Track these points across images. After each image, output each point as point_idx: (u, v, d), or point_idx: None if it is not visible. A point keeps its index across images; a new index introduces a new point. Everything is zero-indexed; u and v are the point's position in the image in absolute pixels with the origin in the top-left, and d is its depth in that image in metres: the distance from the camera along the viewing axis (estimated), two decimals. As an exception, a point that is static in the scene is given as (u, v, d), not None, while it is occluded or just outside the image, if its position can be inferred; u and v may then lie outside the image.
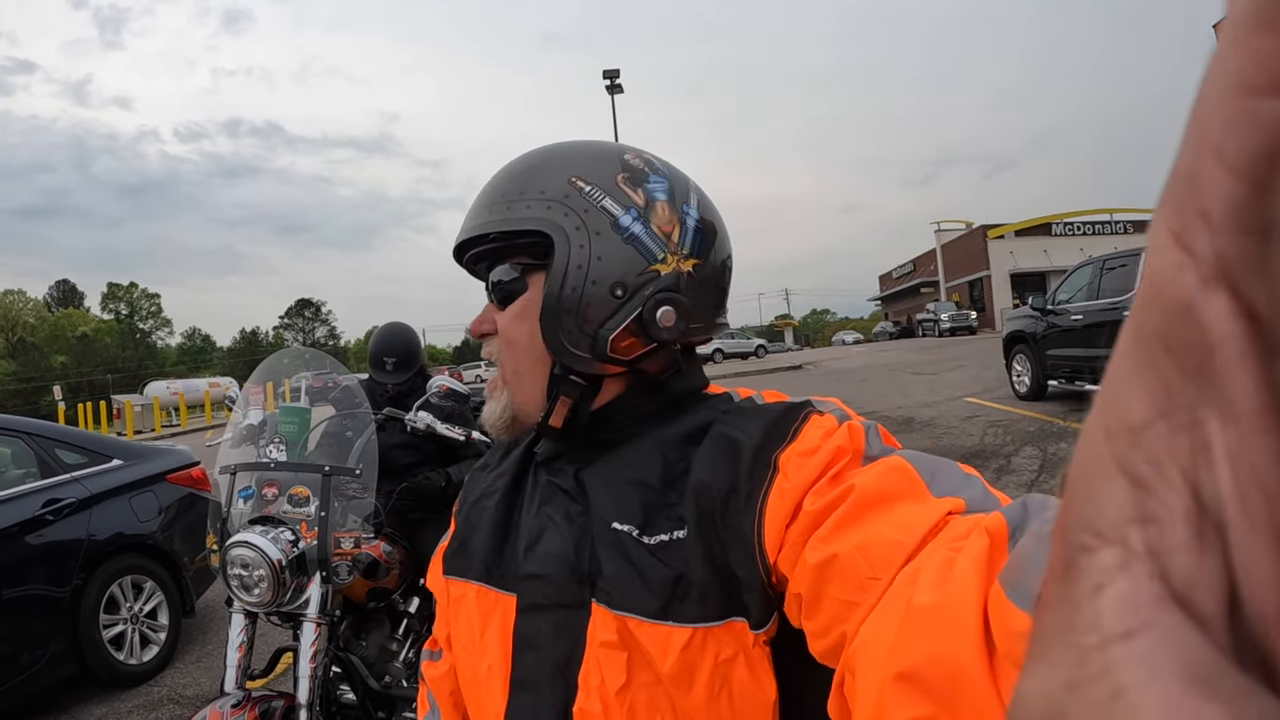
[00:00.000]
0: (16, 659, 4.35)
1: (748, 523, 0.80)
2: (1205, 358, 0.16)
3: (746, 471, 0.82)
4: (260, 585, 2.51)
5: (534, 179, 0.93)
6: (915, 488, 0.72)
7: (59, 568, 4.66)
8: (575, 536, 0.92)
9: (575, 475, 0.96)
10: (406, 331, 3.97)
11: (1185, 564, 0.16)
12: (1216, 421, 0.16)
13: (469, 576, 1.01)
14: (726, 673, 0.82)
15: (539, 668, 0.90)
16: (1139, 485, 0.17)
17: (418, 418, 3.18)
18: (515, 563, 0.97)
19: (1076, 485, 0.19)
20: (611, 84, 28.85)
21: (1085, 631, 0.17)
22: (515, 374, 0.97)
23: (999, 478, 7.47)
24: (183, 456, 5.89)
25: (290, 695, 2.57)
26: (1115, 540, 0.17)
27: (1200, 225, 0.16)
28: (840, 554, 0.69)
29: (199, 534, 5.58)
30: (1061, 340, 11.16)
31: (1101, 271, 10.62)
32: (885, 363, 23.53)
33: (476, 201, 0.96)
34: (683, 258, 0.93)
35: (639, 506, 0.89)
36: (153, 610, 5.22)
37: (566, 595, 0.90)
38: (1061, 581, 0.18)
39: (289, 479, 2.75)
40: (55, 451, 5.09)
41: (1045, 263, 43.03)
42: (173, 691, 4.82)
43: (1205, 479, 0.16)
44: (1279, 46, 0.15)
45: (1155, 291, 0.17)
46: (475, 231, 0.94)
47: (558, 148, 0.98)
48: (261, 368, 3.30)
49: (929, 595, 0.54)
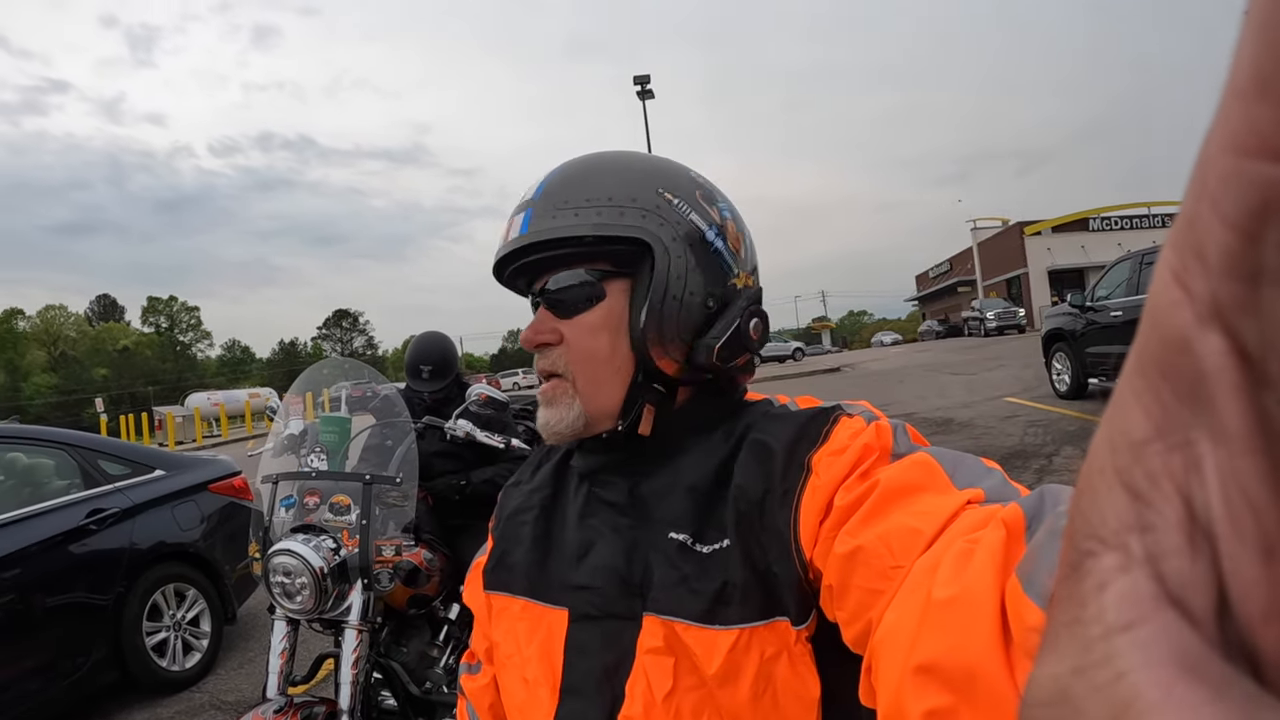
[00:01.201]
0: (60, 665, 4.43)
1: (783, 522, 0.82)
2: (1199, 386, 0.18)
3: (780, 473, 0.85)
4: (303, 592, 2.53)
5: (623, 187, 0.94)
6: (938, 480, 0.73)
7: (102, 576, 4.72)
8: (625, 548, 0.93)
9: (630, 489, 0.97)
10: (442, 340, 3.98)
11: (1179, 568, 0.18)
12: (1208, 443, 0.18)
13: (513, 591, 1.02)
14: (770, 671, 0.83)
15: (588, 675, 0.91)
16: (1138, 497, 0.19)
17: (457, 425, 3.19)
18: (561, 575, 0.97)
19: (1083, 493, 0.21)
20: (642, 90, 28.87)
21: (1090, 624, 0.19)
22: (592, 384, 0.96)
23: (1040, 478, 7.36)
24: (224, 466, 5.95)
25: (332, 701, 2.58)
26: (1117, 545, 0.19)
27: (1197, 267, 0.17)
28: (865, 544, 0.71)
29: (241, 542, 5.65)
30: (1101, 337, 10.97)
31: (1140, 266, 10.43)
32: (923, 363, 23.39)
33: (546, 202, 0.94)
34: (747, 273, 1.00)
35: (694, 515, 0.91)
36: (195, 617, 5.29)
37: (617, 606, 0.91)
38: (1069, 581, 0.20)
39: (330, 488, 2.77)
40: (98, 462, 5.16)
41: (1083, 259, 42.40)
42: (214, 697, 4.87)
43: (1197, 493, 0.18)
44: (1272, 115, 0.16)
45: (1156, 324, 0.19)
46: (568, 232, 0.92)
47: (628, 157, 1.00)
48: (302, 378, 3.32)
49: (947, 588, 0.55)
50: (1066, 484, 1.93)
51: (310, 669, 2.86)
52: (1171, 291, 0.18)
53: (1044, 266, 44.66)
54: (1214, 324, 0.17)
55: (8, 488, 4.87)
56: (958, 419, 11.59)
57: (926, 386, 16.64)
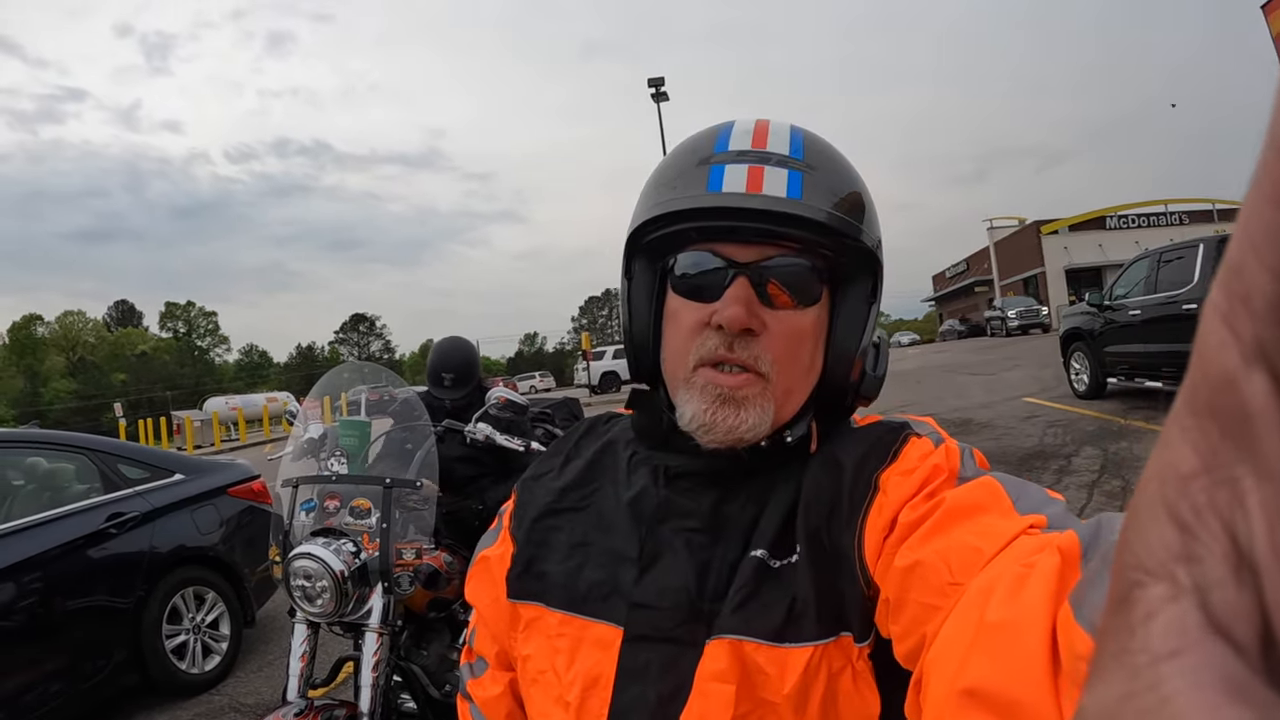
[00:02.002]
0: (81, 668, 4.45)
1: (849, 538, 0.81)
2: (1244, 424, 0.18)
3: (849, 490, 0.83)
4: (323, 596, 2.53)
5: (865, 191, 0.91)
6: (1001, 503, 0.72)
7: (122, 579, 4.75)
8: (698, 568, 0.87)
9: (715, 503, 0.91)
10: (465, 346, 3.98)
11: (1224, 598, 0.18)
12: (1252, 479, 0.18)
13: (548, 603, 0.93)
14: (835, 688, 0.81)
15: (640, 702, 0.85)
16: (1185, 529, 0.19)
17: (477, 429, 3.19)
18: (609, 586, 0.90)
19: (1131, 526, 0.21)
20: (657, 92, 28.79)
21: (1137, 652, 0.19)
22: (786, 390, 0.88)
23: (1060, 479, 7.33)
24: (243, 470, 5.98)
25: (352, 704, 2.58)
26: (1164, 576, 0.19)
27: (1244, 311, 0.18)
28: (924, 559, 0.71)
29: (260, 546, 5.67)
30: (1120, 336, 10.93)
31: (1159, 265, 10.34)
32: (941, 364, 23.29)
33: (820, 178, 0.86)
34: None
35: (774, 531, 0.87)
36: (215, 620, 5.31)
37: (680, 630, 0.85)
38: (1117, 611, 0.21)
39: (350, 491, 2.78)
40: (118, 467, 5.19)
41: (1100, 257, 42.14)
42: (233, 700, 4.89)
43: (1241, 527, 0.18)
44: None
45: (1204, 364, 0.19)
46: (844, 228, 0.85)
47: (851, 166, 0.93)
48: (321, 383, 3.33)
49: (1000, 611, 0.55)
50: (1085, 484, 1.93)
51: (330, 672, 2.86)
52: (1219, 333, 0.19)
53: (1061, 265, 44.43)
54: (1259, 365, 0.18)
55: (29, 492, 4.90)
56: (977, 419, 11.54)
57: (944, 387, 16.56)
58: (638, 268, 0.95)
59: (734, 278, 0.85)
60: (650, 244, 0.92)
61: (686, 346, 0.88)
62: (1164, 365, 9.88)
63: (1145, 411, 10.18)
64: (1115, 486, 6.80)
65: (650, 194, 0.91)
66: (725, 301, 0.84)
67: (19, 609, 4.21)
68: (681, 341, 0.89)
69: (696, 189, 0.85)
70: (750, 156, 0.85)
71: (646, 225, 0.90)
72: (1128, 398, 11.31)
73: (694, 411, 0.86)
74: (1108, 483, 6.98)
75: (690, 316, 0.88)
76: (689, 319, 0.88)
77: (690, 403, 0.87)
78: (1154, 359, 10.07)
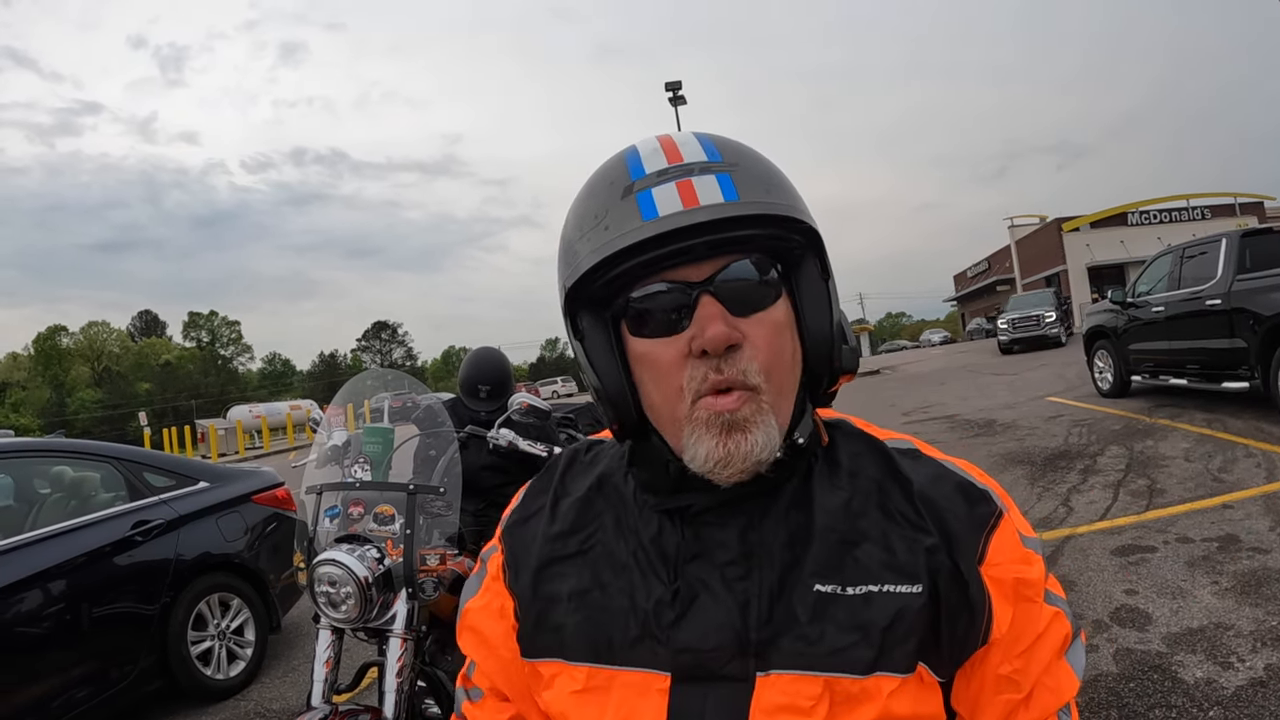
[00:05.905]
0: (107, 674, 4.49)
1: (976, 590, 0.83)
2: None
3: (959, 543, 0.85)
4: (347, 602, 2.54)
5: (792, 188, 0.86)
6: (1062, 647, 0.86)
7: (148, 586, 4.78)
8: (739, 604, 0.83)
9: (741, 532, 0.87)
10: (500, 359, 3.96)
11: None
12: None
13: (570, 658, 0.90)
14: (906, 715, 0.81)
15: None
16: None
17: (500, 435, 3.19)
18: (638, 630, 0.86)
19: None
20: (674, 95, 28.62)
21: None
22: (779, 395, 0.83)
23: (1085, 478, 7.27)
24: (267, 477, 6.02)
25: (376, 709, 2.58)
26: None
27: None
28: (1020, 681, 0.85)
29: (285, 552, 5.70)
30: (1143, 334, 10.82)
31: (1181, 260, 10.20)
32: (964, 364, 23.16)
33: (748, 172, 0.82)
34: None
35: (835, 558, 0.84)
36: (240, 627, 5.34)
37: (730, 668, 0.82)
38: None
39: (374, 498, 2.78)
40: (143, 475, 5.23)
41: (1122, 254, 41.68)
42: (259, 706, 4.91)
43: None
44: None
45: None
46: (788, 212, 0.81)
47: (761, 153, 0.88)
48: (344, 390, 3.33)
49: None
50: (1111, 483, 1.96)
51: (355, 677, 2.86)
52: None
53: (1083, 263, 43.95)
54: None
55: (55, 500, 4.95)
56: (1001, 420, 11.46)
57: (968, 388, 16.48)
58: (586, 324, 0.88)
59: (698, 298, 0.80)
60: (594, 295, 0.85)
61: (675, 384, 0.82)
62: (1188, 362, 9.77)
63: (1170, 409, 10.08)
64: (1141, 486, 6.73)
65: (577, 244, 0.84)
66: (699, 324, 0.79)
67: (46, 616, 4.25)
68: (667, 382, 0.83)
69: (632, 222, 0.79)
70: (672, 173, 0.80)
71: (588, 276, 0.82)
72: (1153, 395, 11.20)
73: (706, 451, 0.81)
74: (1133, 482, 6.90)
75: (666, 353, 0.82)
76: (666, 356, 0.82)
77: (699, 443, 0.81)
78: (1178, 356, 9.96)
